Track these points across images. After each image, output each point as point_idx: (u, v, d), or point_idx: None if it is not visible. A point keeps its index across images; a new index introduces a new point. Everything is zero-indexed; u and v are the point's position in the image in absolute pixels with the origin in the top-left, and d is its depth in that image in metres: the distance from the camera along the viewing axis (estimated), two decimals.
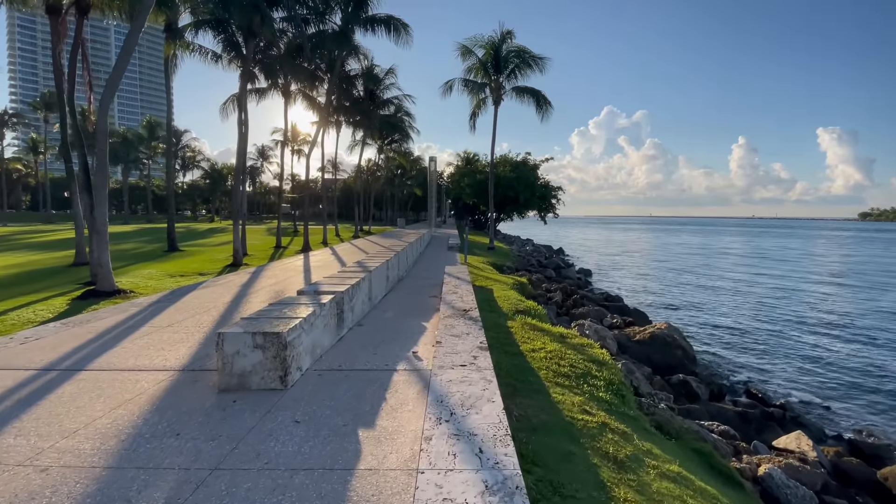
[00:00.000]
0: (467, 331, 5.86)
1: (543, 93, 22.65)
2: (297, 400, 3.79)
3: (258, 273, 12.25)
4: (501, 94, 23.45)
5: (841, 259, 47.16)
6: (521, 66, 22.75)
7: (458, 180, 49.38)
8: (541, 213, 45.32)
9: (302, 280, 11.00)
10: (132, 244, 26.84)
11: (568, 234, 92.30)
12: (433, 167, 38.24)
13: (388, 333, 6.02)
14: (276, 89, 24.21)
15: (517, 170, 43.62)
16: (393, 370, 4.51)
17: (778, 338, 14.90)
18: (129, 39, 9.08)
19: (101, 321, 6.70)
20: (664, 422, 4.95)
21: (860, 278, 31.21)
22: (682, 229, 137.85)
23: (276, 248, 23.31)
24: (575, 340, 6.62)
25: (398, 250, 12.43)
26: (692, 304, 20.57)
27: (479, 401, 3.73)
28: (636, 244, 66.47)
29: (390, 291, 9.76)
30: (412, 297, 8.93)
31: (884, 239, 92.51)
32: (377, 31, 19.46)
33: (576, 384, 5.11)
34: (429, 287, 10.31)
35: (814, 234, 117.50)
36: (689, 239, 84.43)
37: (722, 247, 62.73)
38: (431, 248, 23.56)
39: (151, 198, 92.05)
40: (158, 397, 3.91)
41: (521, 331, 6.87)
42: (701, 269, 34.92)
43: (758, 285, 26.14)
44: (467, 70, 23.91)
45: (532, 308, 8.88)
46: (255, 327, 4.15)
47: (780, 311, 18.98)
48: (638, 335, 9.55)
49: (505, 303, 9.13)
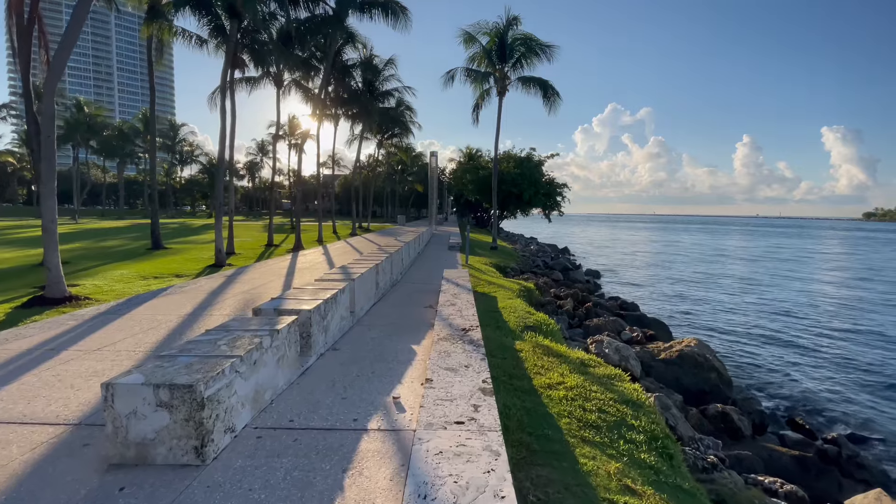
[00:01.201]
0: (466, 361, 4.62)
1: (551, 83, 21.31)
2: (212, 489, 2.57)
3: (236, 276, 11.05)
4: (506, 85, 22.12)
5: (866, 261, 45.26)
6: (527, 54, 21.40)
7: (461, 176, 48.00)
8: (545, 210, 43.86)
9: (281, 285, 9.79)
10: (118, 241, 25.71)
11: (571, 233, 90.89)
12: (434, 162, 36.97)
13: (366, 362, 4.80)
14: (268, 78, 22.96)
15: (521, 166, 42.18)
16: (362, 430, 3.29)
17: (806, 347, 13.64)
18: (78, 8, 7.84)
19: (20, 340, 5.50)
20: (727, 496, 3.75)
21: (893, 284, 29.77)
22: (689, 228, 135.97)
23: (268, 246, 22.12)
24: (599, 370, 5.39)
25: (392, 251, 11.21)
26: (708, 308, 19.28)
27: (481, 495, 2.50)
28: (644, 244, 65.05)
29: (380, 300, 8.55)
30: (404, 307, 7.72)
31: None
32: (374, 15, 18.15)
33: (608, 440, 3.88)
34: (425, 294, 9.10)
35: (825, 234, 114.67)
36: (699, 239, 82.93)
37: (735, 247, 61.02)
38: (431, 247, 22.33)
39: (149, 192, 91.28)
40: (18, 477, 2.70)
41: (533, 356, 5.64)
42: (716, 272, 33.59)
43: (781, 287, 24.66)
44: (470, 59, 22.59)
45: (542, 323, 7.65)
46: (163, 375, 2.92)
47: (810, 319, 17.62)
48: (664, 353, 8.32)
49: (511, 315, 7.90)
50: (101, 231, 34.30)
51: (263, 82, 23.40)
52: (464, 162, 49.13)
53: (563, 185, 44.35)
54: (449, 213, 72.90)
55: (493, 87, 22.65)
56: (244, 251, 19.67)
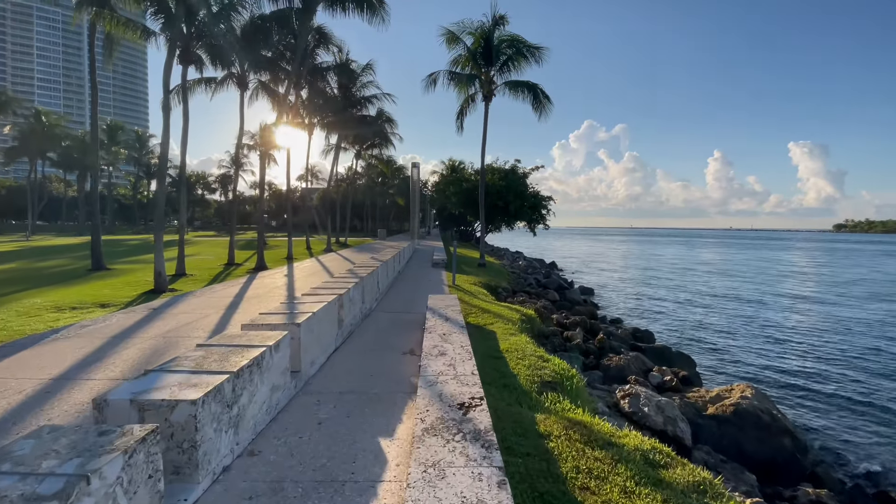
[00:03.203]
0: (472, 491, 2.55)
1: (541, 86, 19.78)
2: None
3: (165, 309, 8.78)
4: (493, 89, 20.50)
5: (870, 274, 43.77)
6: (515, 57, 19.88)
7: (444, 189, 46.18)
8: (531, 224, 42.37)
9: (214, 323, 7.56)
10: (61, 260, 22.84)
11: (554, 246, 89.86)
12: (416, 174, 35.14)
13: (303, 487, 2.72)
14: (231, 80, 20.83)
15: (507, 178, 40.72)
16: None
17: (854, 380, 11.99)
18: None
19: None
20: None
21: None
22: (668, 241, 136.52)
23: (228, 265, 19.68)
24: (678, 474, 3.42)
25: (365, 275, 9.16)
26: (719, 332, 17.65)
27: None
28: (628, 258, 64.15)
29: (347, 340, 6.46)
30: (376, 355, 5.65)
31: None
32: (348, 8, 16.31)
33: None
34: (404, 330, 7.05)
35: (806, 245, 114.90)
36: (680, 251, 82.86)
37: (719, 259, 60.27)
38: (413, 264, 20.27)
39: (116, 207, 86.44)
40: None
41: (570, 447, 3.65)
42: (711, 288, 32.38)
43: (795, 311, 22.83)
44: (453, 62, 20.93)
45: (562, 375, 5.68)
46: None
47: (836, 345, 15.81)
48: (712, 407, 6.44)
49: (520, 364, 5.91)
50: (48, 249, 31.04)
51: (227, 85, 21.24)
52: (447, 174, 47.39)
53: (549, 198, 43.03)
54: (431, 227, 70.97)
55: (479, 91, 21.00)
56: (198, 272, 17.22)
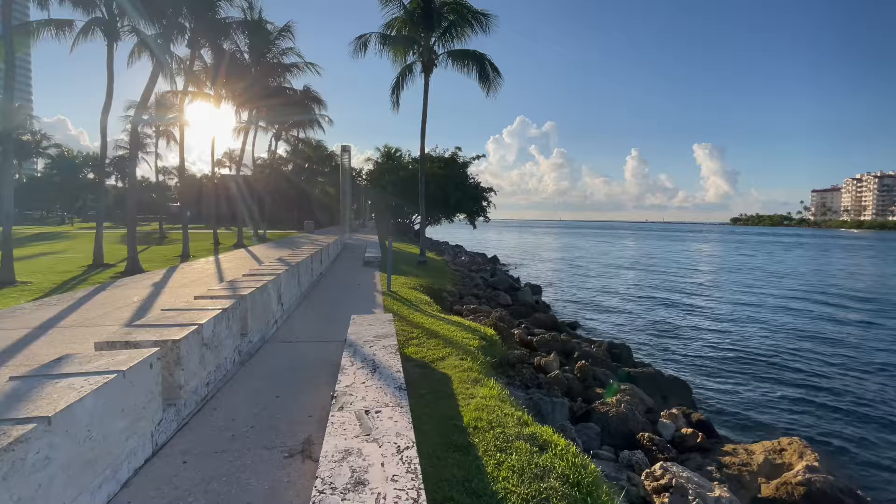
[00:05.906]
0: None
1: (489, 57, 17.35)
2: None
3: None
4: (434, 59, 17.73)
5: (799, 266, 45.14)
6: (458, 23, 17.25)
7: (379, 178, 42.64)
8: (471, 216, 40.32)
9: None
10: None
11: (491, 238, 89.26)
12: (346, 159, 31.57)
13: None
14: (96, 27, 16.07)
15: (447, 167, 38.24)
16: None
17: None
18: None
19: None
20: None
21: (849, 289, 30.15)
22: (594, 233, 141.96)
23: (94, 266, 15.18)
24: None
25: (259, 286, 6.14)
26: (680, 332, 16.49)
27: None
28: (564, 250, 64.66)
29: (201, 408, 3.44)
30: (226, 471, 2.73)
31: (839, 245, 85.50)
32: None
33: None
34: (305, 386, 4.19)
35: (715, 237, 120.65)
36: (609, 242, 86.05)
37: (655, 253, 61.64)
38: (341, 262, 17.08)
39: None
40: None
41: None
42: (652, 281, 32.34)
43: (743, 305, 22.05)
44: (387, 25, 17.84)
45: (575, 484, 3.18)
46: None
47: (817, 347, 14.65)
48: (769, 486, 4.36)
49: (504, 465, 3.31)
50: None
51: (92, 32, 16.39)
52: (382, 162, 43.85)
53: (490, 190, 41.27)
54: (367, 219, 66.82)
55: (418, 61, 18.09)
56: (40, 279, 12.74)
